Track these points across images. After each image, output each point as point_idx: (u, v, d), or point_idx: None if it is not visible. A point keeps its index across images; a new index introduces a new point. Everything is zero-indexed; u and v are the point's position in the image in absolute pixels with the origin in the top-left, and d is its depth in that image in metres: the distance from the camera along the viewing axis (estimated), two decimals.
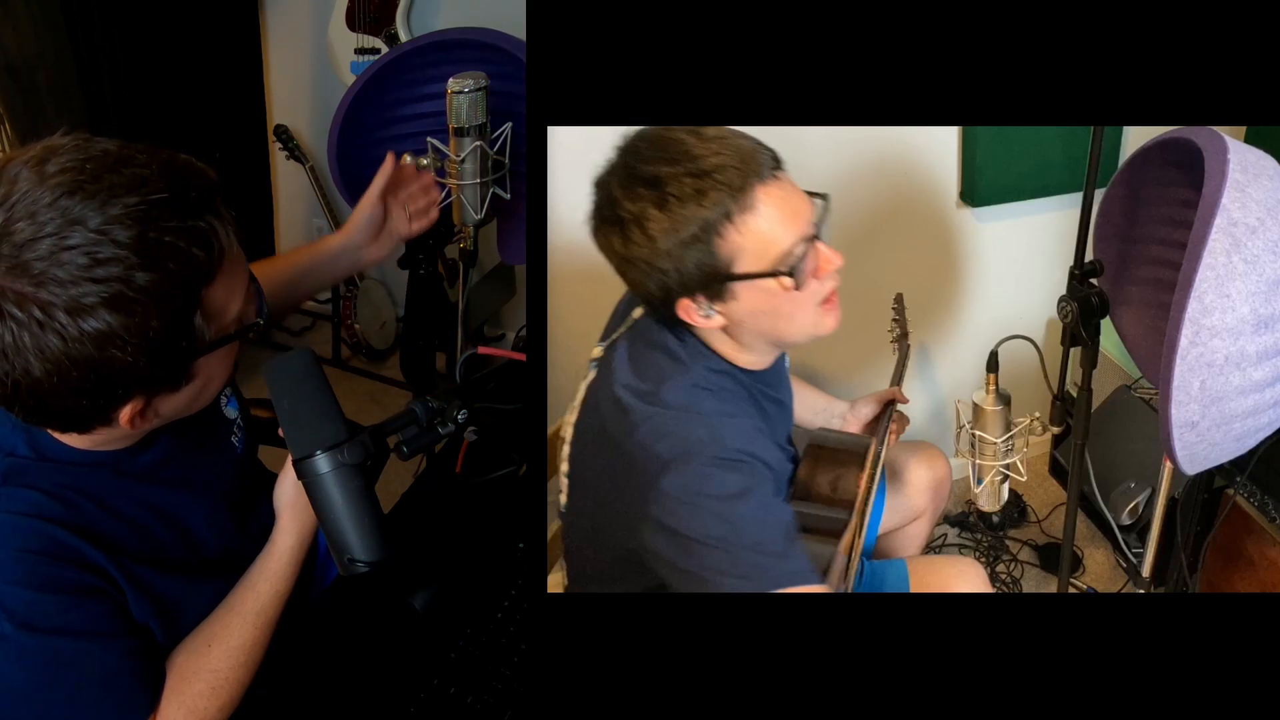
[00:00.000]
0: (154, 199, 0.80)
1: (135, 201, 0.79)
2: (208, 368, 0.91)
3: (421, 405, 0.98)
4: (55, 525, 0.91)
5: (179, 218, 0.81)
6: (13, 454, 0.93)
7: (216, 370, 0.94)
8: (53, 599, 0.90)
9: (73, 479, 0.95)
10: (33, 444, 0.94)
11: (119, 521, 0.97)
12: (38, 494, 0.92)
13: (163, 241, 0.80)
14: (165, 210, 0.81)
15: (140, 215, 0.79)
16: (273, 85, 3.01)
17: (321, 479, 0.88)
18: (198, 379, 0.91)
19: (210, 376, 0.93)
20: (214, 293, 0.86)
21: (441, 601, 1.05)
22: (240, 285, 0.90)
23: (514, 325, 3.05)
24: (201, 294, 0.85)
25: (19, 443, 0.94)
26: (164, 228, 0.80)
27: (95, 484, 0.96)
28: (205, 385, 0.94)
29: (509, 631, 1.15)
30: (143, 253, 0.79)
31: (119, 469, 0.99)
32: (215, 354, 0.90)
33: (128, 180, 0.80)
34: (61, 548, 0.91)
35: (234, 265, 0.88)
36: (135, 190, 0.80)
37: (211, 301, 0.86)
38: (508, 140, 1.75)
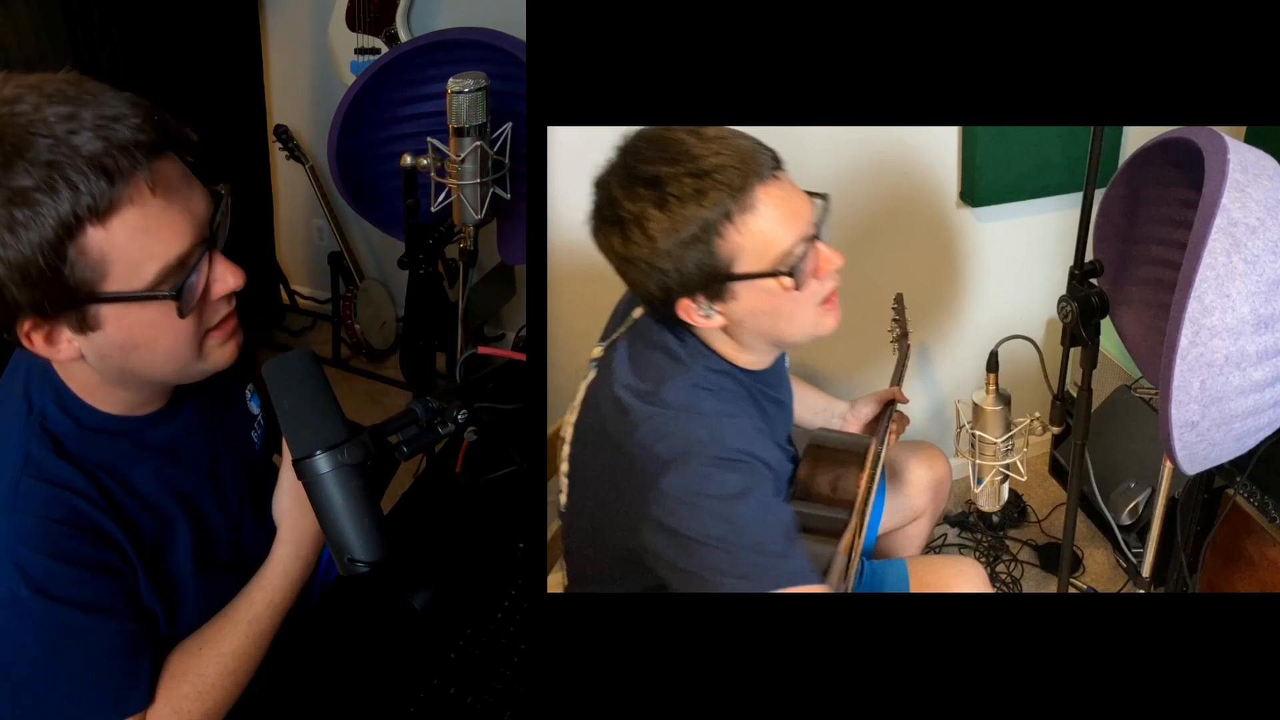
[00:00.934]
0: (39, 129, 0.78)
1: (21, 128, 0.78)
2: (121, 323, 0.86)
3: (421, 405, 0.98)
4: (80, 498, 0.92)
5: (62, 152, 0.78)
6: (44, 415, 0.95)
7: (145, 333, 0.88)
8: (70, 570, 0.91)
9: (99, 450, 0.96)
10: (61, 403, 0.96)
11: (140, 504, 0.99)
12: (67, 466, 0.93)
13: (29, 170, 0.77)
14: (45, 144, 0.78)
15: (15, 142, 0.78)
16: (273, 85, 3.01)
17: (321, 479, 0.88)
18: (109, 331, 0.86)
19: (136, 338, 0.88)
20: (100, 238, 0.81)
21: (441, 601, 1.05)
22: (156, 250, 0.84)
23: (514, 325, 3.05)
24: (79, 233, 0.79)
25: (48, 402, 0.95)
26: (38, 158, 0.78)
27: (119, 458, 0.98)
28: (134, 345, 0.89)
29: (509, 631, 1.15)
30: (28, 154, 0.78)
31: (141, 440, 1.00)
32: (132, 313, 0.86)
33: (26, 114, 0.79)
34: (84, 519, 0.92)
35: (145, 224, 0.82)
36: (69, 116, 0.79)
37: (98, 246, 0.81)
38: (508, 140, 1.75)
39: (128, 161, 0.80)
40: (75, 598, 0.91)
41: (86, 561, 0.92)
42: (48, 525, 0.90)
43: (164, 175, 0.84)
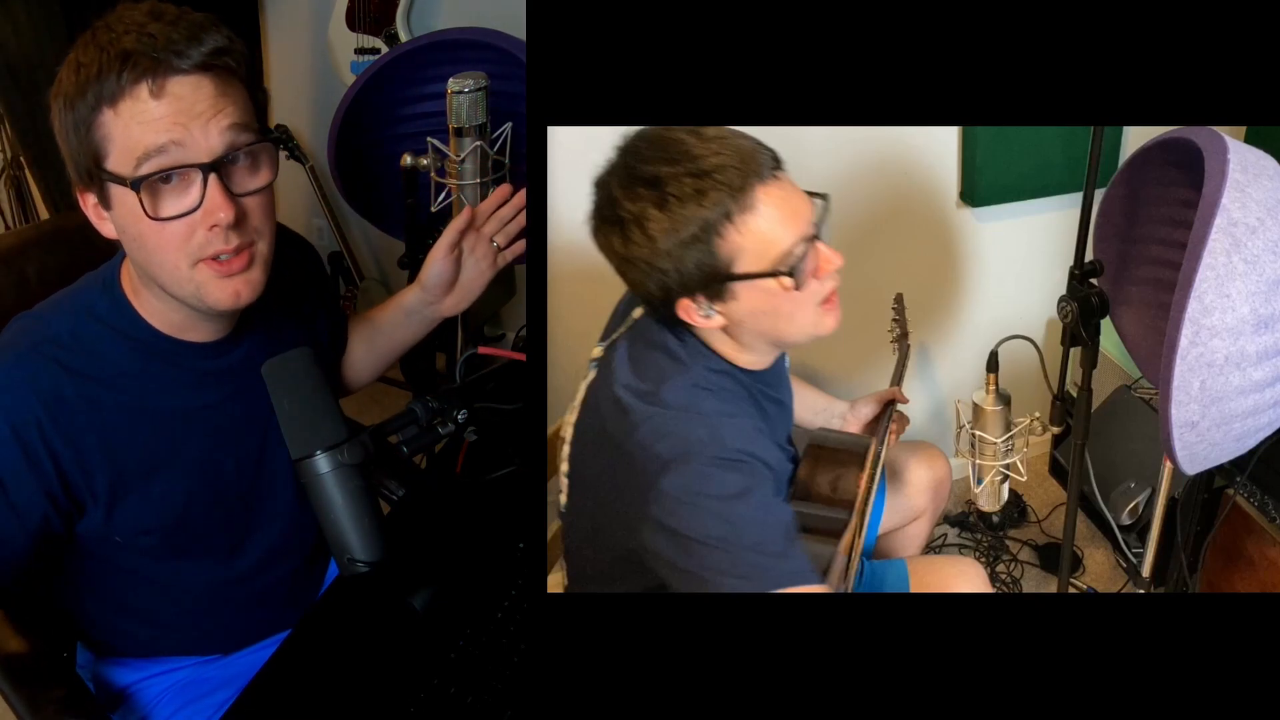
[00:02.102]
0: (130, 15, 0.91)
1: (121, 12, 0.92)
2: (121, 207, 0.94)
3: (421, 405, 0.98)
4: (71, 379, 0.98)
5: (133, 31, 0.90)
6: (91, 311, 1.02)
7: (132, 225, 0.94)
8: (8, 438, 0.95)
9: (129, 356, 1.02)
10: (115, 306, 1.02)
11: (141, 417, 1.02)
12: (84, 354, 0.99)
13: (96, 29, 0.91)
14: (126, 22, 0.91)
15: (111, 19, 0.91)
16: (273, 85, 3.01)
17: (321, 479, 0.88)
18: (117, 213, 0.95)
19: (128, 227, 0.95)
20: (111, 119, 0.90)
21: (441, 601, 1.05)
22: (147, 142, 0.90)
23: (514, 325, 3.05)
24: (101, 104, 0.90)
25: (101, 302, 1.02)
26: (106, 26, 0.91)
27: (151, 371, 1.03)
28: (127, 234, 0.96)
29: (509, 631, 1.15)
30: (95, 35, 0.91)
31: (175, 360, 1.05)
32: (130, 202, 0.92)
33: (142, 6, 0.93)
34: (59, 403, 0.97)
35: (148, 119, 0.90)
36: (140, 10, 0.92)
37: (105, 125, 0.91)
38: (508, 140, 1.75)
39: (146, 63, 0.89)
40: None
41: (31, 447, 0.96)
42: (20, 390, 0.96)
43: (178, 89, 0.91)
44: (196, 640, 1.21)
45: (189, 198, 0.93)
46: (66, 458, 0.98)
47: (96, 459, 0.99)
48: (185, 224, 0.93)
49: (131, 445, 1.01)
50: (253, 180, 0.98)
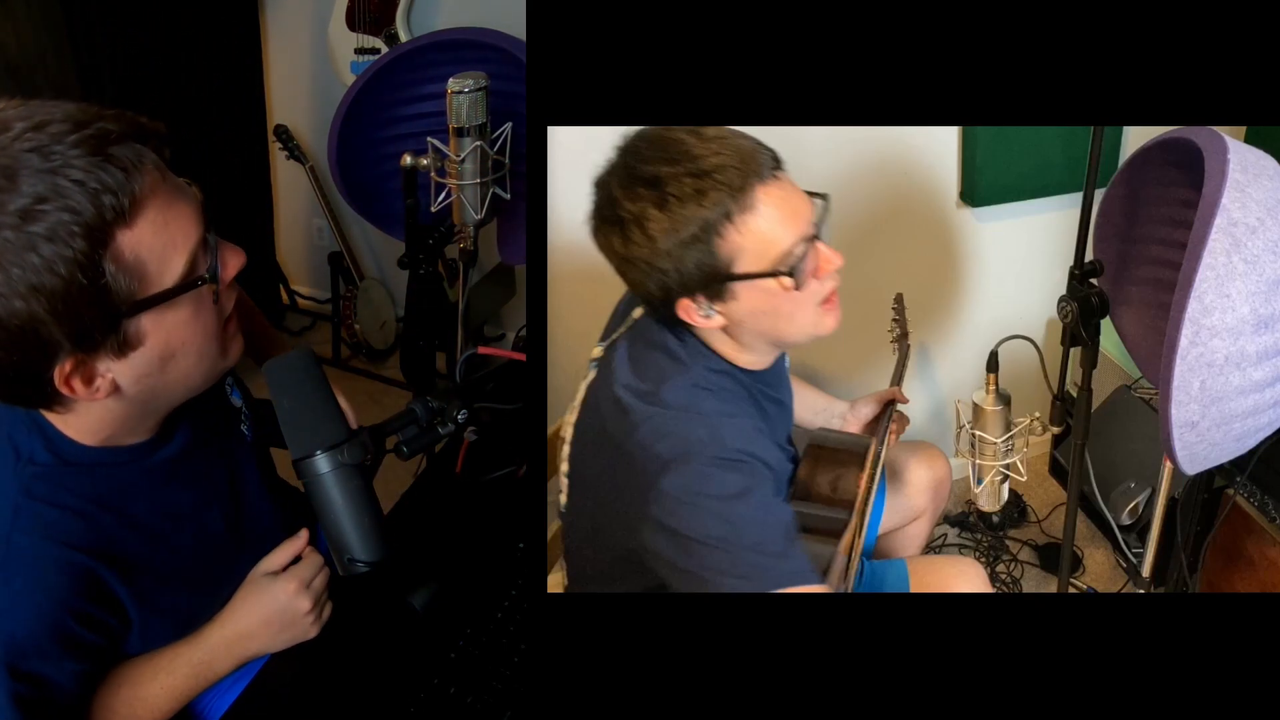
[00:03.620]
0: (51, 130, 0.76)
1: (13, 144, 0.75)
2: (160, 329, 0.84)
3: (421, 405, 0.98)
4: (76, 550, 0.90)
5: (74, 164, 0.75)
6: (33, 461, 0.91)
7: (180, 334, 0.86)
8: (48, 645, 0.90)
9: (94, 486, 0.93)
10: (51, 447, 0.92)
11: (138, 534, 0.97)
12: (60, 512, 0.91)
13: (41, 184, 0.74)
14: (52, 155, 0.75)
15: (17, 157, 0.74)
16: (273, 85, 3.01)
17: (321, 479, 0.88)
18: (150, 343, 0.84)
19: (172, 342, 0.86)
20: (132, 241, 0.79)
21: (441, 601, 1.05)
22: (181, 238, 0.82)
23: (514, 325, 3.05)
24: (110, 240, 0.77)
25: (37, 447, 0.91)
26: (43, 172, 0.74)
27: (115, 490, 0.95)
28: (171, 353, 0.87)
29: (509, 631, 1.15)
30: (14, 195, 0.74)
31: (139, 466, 0.97)
32: (167, 315, 0.84)
33: (26, 115, 0.77)
34: (77, 573, 0.90)
35: (164, 216, 0.81)
36: (35, 127, 0.76)
37: (128, 250, 0.79)
38: (508, 140, 1.75)
39: (132, 153, 0.78)
40: (40, 675, 0.90)
41: (69, 641, 0.91)
42: (40, 594, 0.89)
43: (159, 163, 0.82)
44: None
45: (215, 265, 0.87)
46: (104, 615, 0.94)
47: (126, 597, 0.96)
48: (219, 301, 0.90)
49: (140, 563, 0.97)
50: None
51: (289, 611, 1.03)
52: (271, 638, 1.05)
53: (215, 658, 1.03)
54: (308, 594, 1.04)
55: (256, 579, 1.05)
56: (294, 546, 1.06)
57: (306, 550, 1.07)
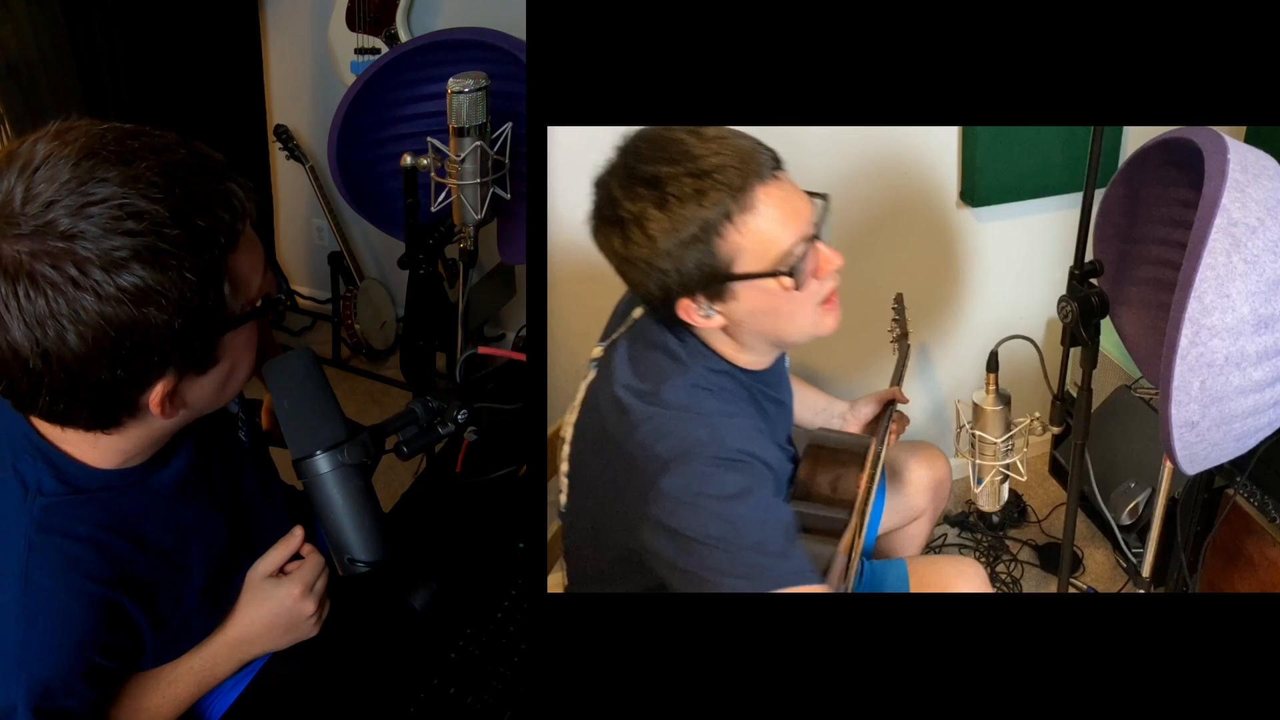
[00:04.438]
0: (176, 159, 0.80)
1: (158, 161, 0.79)
2: (234, 348, 0.88)
3: (421, 405, 0.98)
4: (96, 583, 0.90)
5: (202, 179, 0.81)
6: (41, 492, 0.90)
7: (242, 353, 0.90)
8: (72, 681, 0.89)
9: (105, 513, 0.93)
10: (58, 475, 0.91)
11: (150, 556, 0.96)
12: (76, 544, 0.90)
13: (190, 196, 0.79)
14: (188, 170, 0.80)
15: (165, 171, 0.78)
16: (273, 85, 3.01)
17: (321, 479, 0.88)
18: (224, 361, 0.88)
19: (236, 360, 0.90)
20: (238, 260, 0.84)
21: (441, 601, 1.05)
22: (259, 259, 0.87)
23: (514, 325, 3.05)
24: (228, 258, 0.82)
25: (44, 476, 0.90)
26: (189, 186, 0.79)
27: (126, 513, 0.95)
28: (231, 371, 0.90)
29: (509, 631, 1.15)
30: (171, 207, 0.77)
31: (147, 486, 0.97)
32: (240, 334, 0.88)
33: (147, 144, 0.80)
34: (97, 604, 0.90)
35: (253, 237, 0.86)
36: (157, 153, 0.80)
37: (237, 269, 0.84)
38: (508, 140, 1.75)
39: (239, 182, 0.84)
40: (65, 709, 0.90)
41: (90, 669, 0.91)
42: (62, 634, 0.88)
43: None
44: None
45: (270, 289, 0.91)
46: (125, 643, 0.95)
47: (144, 624, 0.96)
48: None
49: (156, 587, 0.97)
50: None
51: (293, 615, 1.04)
52: (275, 641, 1.05)
53: (217, 663, 1.03)
54: (311, 597, 1.04)
55: (257, 582, 1.05)
56: (289, 546, 1.06)
57: (307, 549, 1.07)
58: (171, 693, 1.01)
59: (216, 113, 2.79)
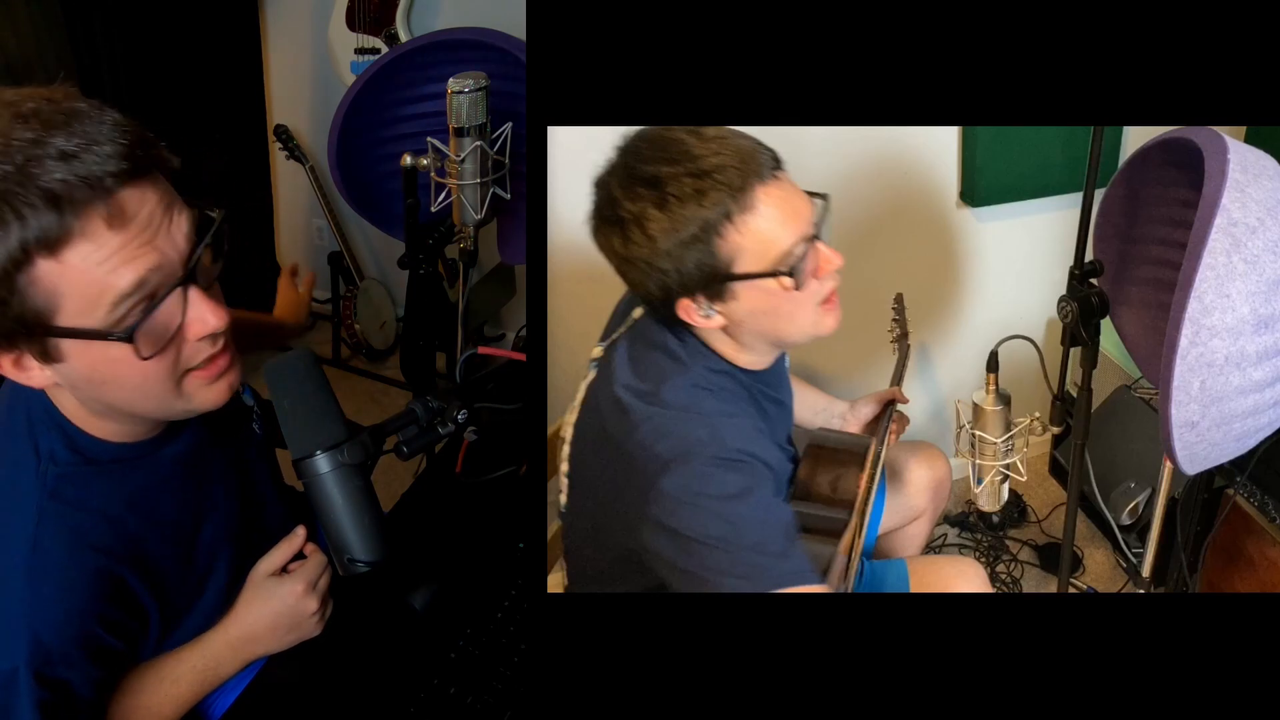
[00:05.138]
0: (32, 136, 0.75)
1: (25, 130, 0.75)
2: (83, 358, 0.82)
3: (421, 405, 0.98)
4: (104, 555, 0.91)
5: (50, 166, 0.74)
6: (54, 460, 0.91)
7: (110, 370, 0.83)
8: (73, 651, 0.89)
9: (118, 487, 0.94)
10: (70, 445, 0.92)
11: (161, 534, 0.97)
12: (87, 515, 0.91)
13: (3, 179, 0.73)
14: (36, 156, 0.74)
15: (6, 150, 0.74)
16: (273, 85, 3.01)
17: (321, 479, 0.88)
18: (73, 364, 0.82)
19: (101, 373, 0.83)
20: (57, 269, 0.76)
21: (441, 601, 1.05)
22: (118, 285, 0.78)
23: (514, 325, 3.05)
24: (30, 258, 0.75)
25: (57, 445, 0.91)
26: (18, 171, 0.74)
27: (139, 487, 0.96)
28: (101, 380, 0.84)
29: (509, 631, 1.15)
30: None
31: (157, 460, 0.98)
32: (94, 349, 0.81)
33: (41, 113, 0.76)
34: (103, 577, 0.91)
35: (109, 258, 0.77)
36: (41, 124, 0.75)
37: (49, 276, 0.76)
38: (508, 140, 1.75)
39: (85, 193, 0.75)
40: (66, 680, 0.89)
41: (94, 647, 0.91)
42: (67, 600, 0.88)
43: (131, 206, 0.78)
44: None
45: (169, 317, 0.82)
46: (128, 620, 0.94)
47: (149, 602, 0.96)
48: (173, 346, 0.84)
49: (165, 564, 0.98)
50: (215, 266, 0.88)
51: (296, 614, 1.04)
52: (278, 639, 1.05)
53: (220, 662, 1.03)
54: (314, 595, 1.04)
55: (259, 581, 1.05)
56: (292, 545, 1.07)
57: (309, 548, 1.07)
58: (174, 691, 1.01)
59: (216, 113, 2.79)
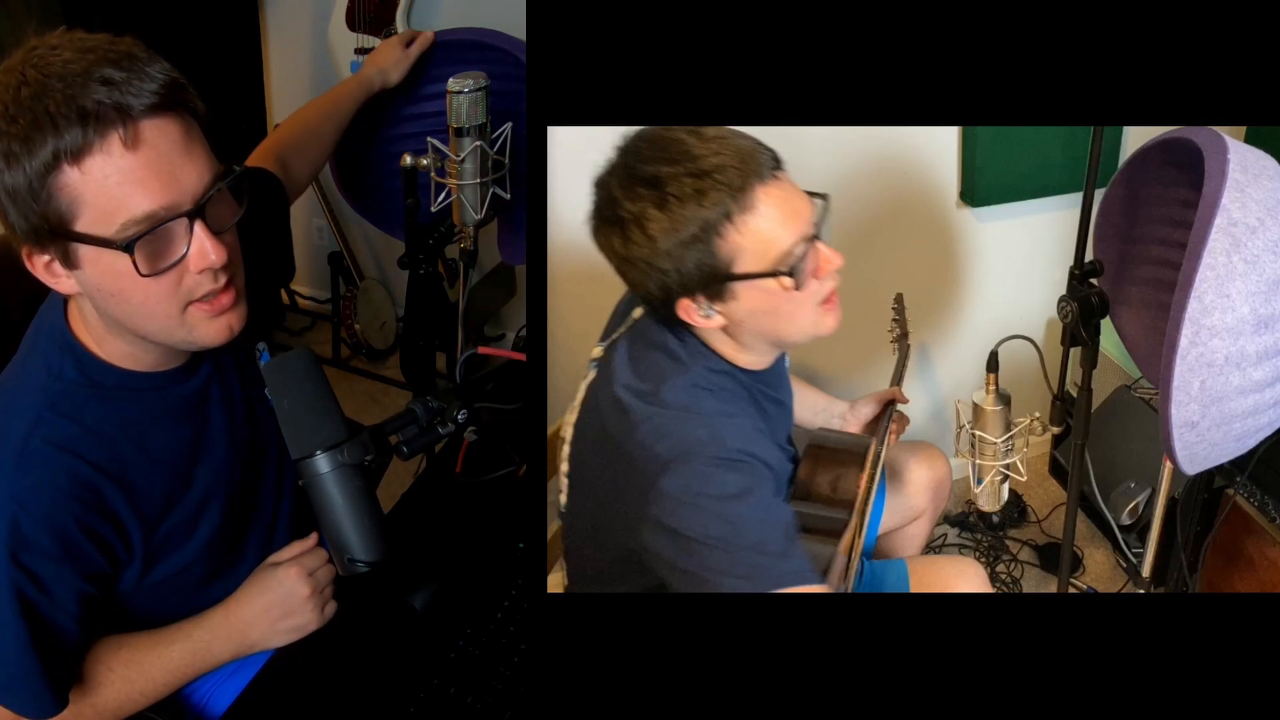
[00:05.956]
0: (86, 64, 0.87)
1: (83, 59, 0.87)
2: (95, 266, 0.88)
3: (421, 405, 0.98)
4: (87, 464, 0.95)
5: (93, 89, 0.84)
6: (60, 377, 0.96)
7: (117, 283, 0.89)
8: (50, 545, 0.92)
9: (117, 411, 0.98)
10: (79, 366, 0.97)
11: (154, 468, 1.01)
12: (80, 428, 0.95)
13: (39, 99, 0.84)
14: (84, 83, 0.85)
15: (37, 61, 0.88)
16: (273, 85, 3.01)
17: (321, 479, 0.88)
18: (88, 272, 0.89)
19: (108, 285, 0.89)
20: (79, 179, 0.84)
21: (441, 601, 1.05)
22: (131, 203, 0.85)
23: (514, 325, 3.05)
24: (59, 165, 0.83)
25: (67, 365, 0.97)
26: (66, 88, 0.84)
27: (137, 418, 1.00)
28: (109, 293, 0.90)
29: (509, 631, 1.15)
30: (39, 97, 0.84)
31: (163, 396, 1.02)
32: (104, 258, 0.87)
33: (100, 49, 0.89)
34: (87, 487, 0.94)
35: (126, 178, 0.85)
36: (98, 58, 0.88)
37: (73, 184, 0.84)
38: (508, 140, 1.75)
39: (112, 114, 0.83)
40: (40, 573, 0.93)
41: (69, 543, 0.94)
42: (49, 494, 0.92)
43: (149, 135, 0.86)
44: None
45: (175, 246, 0.89)
46: (107, 534, 0.97)
47: (131, 522, 0.99)
48: (174, 272, 0.90)
49: (152, 494, 1.01)
50: (230, 214, 0.95)
51: (289, 598, 1.06)
52: (271, 626, 1.07)
53: (214, 639, 1.06)
54: (308, 580, 1.07)
55: (262, 569, 1.09)
56: (303, 546, 1.10)
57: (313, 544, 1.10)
58: (167, 654, 1.04)
59: (216, 113, 2.79)
